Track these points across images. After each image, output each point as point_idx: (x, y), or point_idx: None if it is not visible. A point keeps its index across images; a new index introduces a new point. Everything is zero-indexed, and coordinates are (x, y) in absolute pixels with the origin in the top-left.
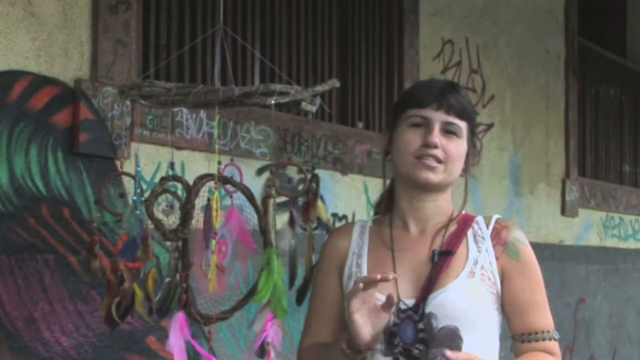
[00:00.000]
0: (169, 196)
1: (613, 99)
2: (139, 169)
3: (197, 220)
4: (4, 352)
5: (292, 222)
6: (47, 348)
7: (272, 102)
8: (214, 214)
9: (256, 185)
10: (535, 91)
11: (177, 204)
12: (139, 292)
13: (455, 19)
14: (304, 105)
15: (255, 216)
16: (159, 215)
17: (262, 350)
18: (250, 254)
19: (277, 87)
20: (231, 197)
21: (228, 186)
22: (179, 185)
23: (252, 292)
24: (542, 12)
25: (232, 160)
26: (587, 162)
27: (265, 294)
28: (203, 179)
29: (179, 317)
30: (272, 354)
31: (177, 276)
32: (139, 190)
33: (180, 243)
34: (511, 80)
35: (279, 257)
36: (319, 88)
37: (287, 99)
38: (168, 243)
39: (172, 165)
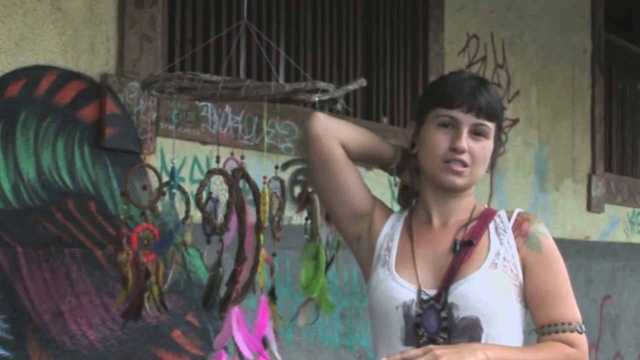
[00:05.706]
0: (214, 191)
1: None
2: (174, 161)
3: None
4: (32, 344)
5: (328, 216)
6: (74, 341)
7: (316, 99)
8: (267, 208)
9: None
10: (561, 86)
11: (221, 198)
12: (154, 287)
13: (481, 13)
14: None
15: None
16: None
17: (264, 343)
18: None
19: (322, 84)
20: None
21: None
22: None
23: (247, 286)
24: (568, 7)
25: (232, 154)
26: (614, 158)
27: (315, 288)
28: (238, 172)
29: (236, 312)
30: (270, 347)
31: (220, 270)
32: (173, 183)
33: (223, 237)
34: (537, 76)
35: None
36: (350, 87)
37: (327, 96)
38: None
39: (217, 158)
